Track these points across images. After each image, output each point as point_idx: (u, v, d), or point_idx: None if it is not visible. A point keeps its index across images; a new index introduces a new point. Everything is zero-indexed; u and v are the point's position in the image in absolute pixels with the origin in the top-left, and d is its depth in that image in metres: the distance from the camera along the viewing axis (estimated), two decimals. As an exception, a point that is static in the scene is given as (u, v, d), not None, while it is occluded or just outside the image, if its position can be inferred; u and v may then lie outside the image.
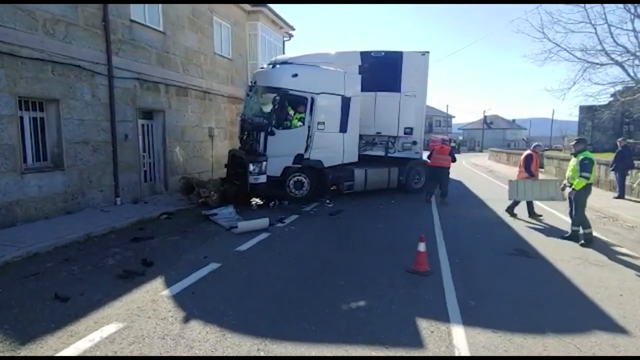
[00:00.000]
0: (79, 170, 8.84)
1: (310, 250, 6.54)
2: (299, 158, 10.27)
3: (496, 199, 12.63)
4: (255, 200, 10.97)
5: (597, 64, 16.47)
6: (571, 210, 7.50)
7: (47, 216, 8.05)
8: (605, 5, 15.67)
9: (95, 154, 9.26)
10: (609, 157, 21.45)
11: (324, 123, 10.32)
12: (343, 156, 11.05)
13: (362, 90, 11.01)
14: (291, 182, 10.44)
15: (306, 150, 10.21)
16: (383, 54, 11.56)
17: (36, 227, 7.42)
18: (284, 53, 19.03)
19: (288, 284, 5.03)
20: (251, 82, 11.30)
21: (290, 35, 20.01)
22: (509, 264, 6.16)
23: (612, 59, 16.40)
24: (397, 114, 11.69)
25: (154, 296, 4.56)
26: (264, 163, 9.89)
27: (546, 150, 41.77)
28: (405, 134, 11.91)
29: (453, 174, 14.23)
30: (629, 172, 12.51)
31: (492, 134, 75.79)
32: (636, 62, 16.20)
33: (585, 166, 7.07)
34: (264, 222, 7.80)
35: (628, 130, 33.03)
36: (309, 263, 5.87)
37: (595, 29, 16.61)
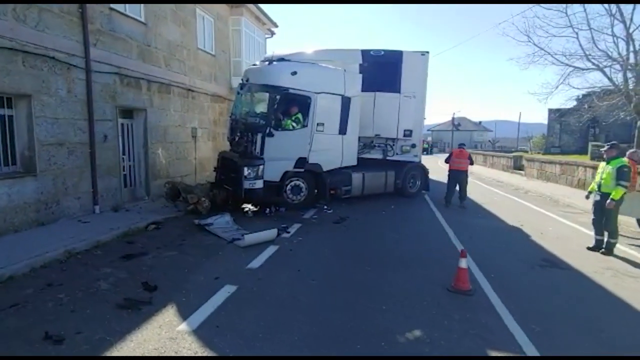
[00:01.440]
0: (53, 176, 7.78)
1: (330, 266, 5.89)
2: (301, 162, 9.58)
3: (489, 202, 12.48)
4: (248, 207, 10.19)
5: (581, 68, 16.72)
6: (597, 219, 7.22)
7: (17, 229, 6.98)
8: (589, 12, 15.92)
9: (72, 157, 8.21)
10: (578, 158, 22.16)
11: (323, 124, 9.68)
12: (342, 159, 10.46)
13: (361, 90, 10.46)
14: (288, 187, 9.74)
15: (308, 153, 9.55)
16: (383, 52, 11.05)
17: (5, 243, 6.36)
18: (266, 51, 18.26)
19: (323, 311, 4.36)
20: (242, 79, 10.50)
21: (272, 33, 19.23)
22: (544, 277, 5.78)
23: (593, 64, 16.69)
24: (397, 116, 11.22)
25: (171, 332, 3.78)
26: (261, 167, 9.14)
27: (512, 151, 42.94)
28: (404, 136, 11.46)
29: (435, 177, 14.05)
30: None
31: (459, 136, 77.27)
32: (617, 67, 16.53)
33: (624, 174, 6.83)
34: (271, 233, 7.08)
35: (594, 134, 34.30)
36: (337, 283, 5.22)
37: (577, 34, 16.89)
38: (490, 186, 17.35)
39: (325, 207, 10.35)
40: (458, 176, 11.22)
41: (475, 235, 7.98)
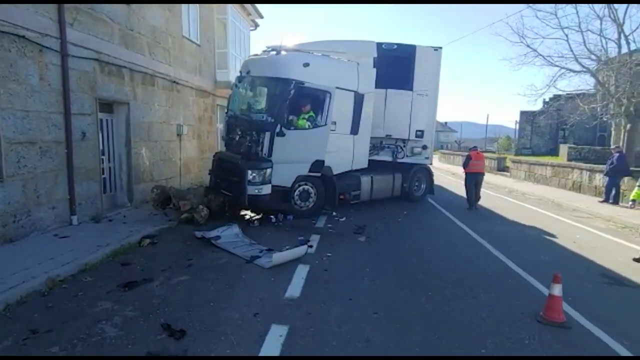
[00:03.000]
0: (22, 181, 6.37)
1: (385, 293, 4.92)
2: (317, 165, 8.56)
3: (495, 206, 11.99)
4: (250, 215, 9.07)
5: (574, 70, 16.69)
6: None
7: (-23, 249, 5.58)
8: (580, 14, 15.90)
9: (45, 158, 6.80)
10: (552, 159, 22.48)
11: (335, 123, 8.70)
12: (352, 162, 9.53)
13: (374, 87, 9.57)
14: (296, 192, 8.71)
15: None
16: (395, 46, 10.19)
17: (-36, 268, 4.99)
18: (249, 44, 17.06)
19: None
20: (241, 71, 9.32)
21: (256, 25, 18.01)
22: (621, 297, 5.13)
23: (583, 66, 16.72)
24: (409, 115, 10.40)
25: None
26: (268, 170, 8.05)
27: (484, 152, 43.65)
28: (416, 137, 10.67)
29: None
30: (623, 179, 12.43)
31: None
32: (603, 68, 16.63)
33: None
34: (300, 250, 6.04)
35: (563, 135, 35.26)
36: (404, 316, 4.28)
37: (567, 36, 16.88)
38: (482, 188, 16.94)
39: (334, 214, 9.41)
40: (477, 178, 11.11)
41: (512, 246, 7.29)
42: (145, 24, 9.70)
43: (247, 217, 9.04)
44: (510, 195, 15.18)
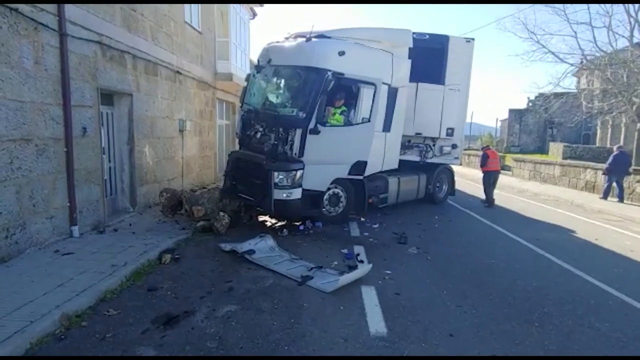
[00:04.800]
0: (16, 187, 5.21)
1: (482, 324, 4.05)
2: (359, 166, 7.65)
3: (519, 208, 11.38)
4: (271, 222, 8.11)
5: (584, 68, 16.34)
6: None
7: (-38, 274, 4.44)
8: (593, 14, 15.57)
9: (41, 159, 5.64)
10: (537, 157, 22.42)
11: (369, 120, 7.80)
12: (383, 162, 8.68)
13: (407, 80, 8.72)
14: (325, 196, 7.80)
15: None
16: (427, 36, 9.34)
17: (-51, 303, 3.87)
18: (249, 34, 15.94)
19: None
20: (259, 60, 8.28)
21: (254, 14, 16.89)
22: None
23: (592, 63, 16.41)
24: (440, 111, 9.60)
25: None
26: (299, 172, 7.10)
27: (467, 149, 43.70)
28: (447, 135, 9.89)
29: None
30: (625, 178, 12.33)
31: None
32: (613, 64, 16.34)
33: None
34: (364, 269, 5.12)
35: (551, 134, 35.53)
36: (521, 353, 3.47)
37: (575, 33, 16.53)
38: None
39: (362, 219, 8.57)
40: (496, 176, 11.34)
41: (574, 255, 6.60)
42: (148, 6, 8.55)
43: (269, 224, 8.08)
44: (522, 195, 14.69)
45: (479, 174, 12.08)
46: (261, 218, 8.43)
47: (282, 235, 7.13)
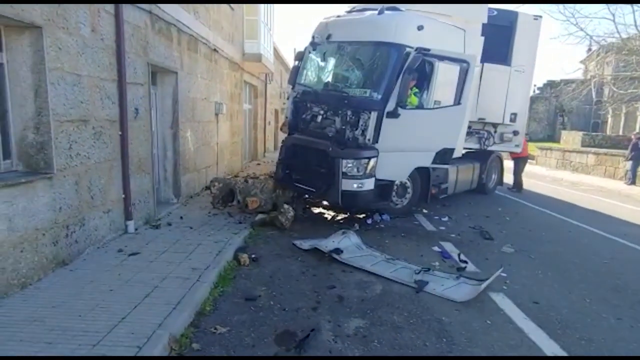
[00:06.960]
0: (75, 176, 4.43)
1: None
2: (445, 154, 6.94)
3: (573, 199, 10.78)
4: (330, 215, 7.42)
5: (625, 53, 15.73)
6: None
7: (24, 280, 3.67)
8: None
9: (98, 144, 4.85)
10: (546, 145, 21.98)
11: (439, 102, 7.04)
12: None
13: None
14: (393, 187, 7.09)
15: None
16: (495, 12, 8.52)
17: (9, 321, 3.12)
18: (273, 12, 14.98)
19: None
20: (314, 36, 7.42)
21: (276, -9, 15.90)
22: None
23: (630, 48, 15.80)
24: (505, 95, 8.86)
25: None
26: (373, 160, 6.37)
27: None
28: (510, 121, 9.18)
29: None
30: None
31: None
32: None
33: None
34: (494, 276, 4.43)
35: (562, 122, 35.03)
36: None
37: (613, 16, 15.89)
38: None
39: (425, 211, 7.92)
40: (525, 161, 11.28)
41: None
42: (189, -27, 7.65)
43: (327, 216, 7.39)
44: (559, 184, 14.15)
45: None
46: (316, 210, 7.73)
47: (354, 230, 6.42)
